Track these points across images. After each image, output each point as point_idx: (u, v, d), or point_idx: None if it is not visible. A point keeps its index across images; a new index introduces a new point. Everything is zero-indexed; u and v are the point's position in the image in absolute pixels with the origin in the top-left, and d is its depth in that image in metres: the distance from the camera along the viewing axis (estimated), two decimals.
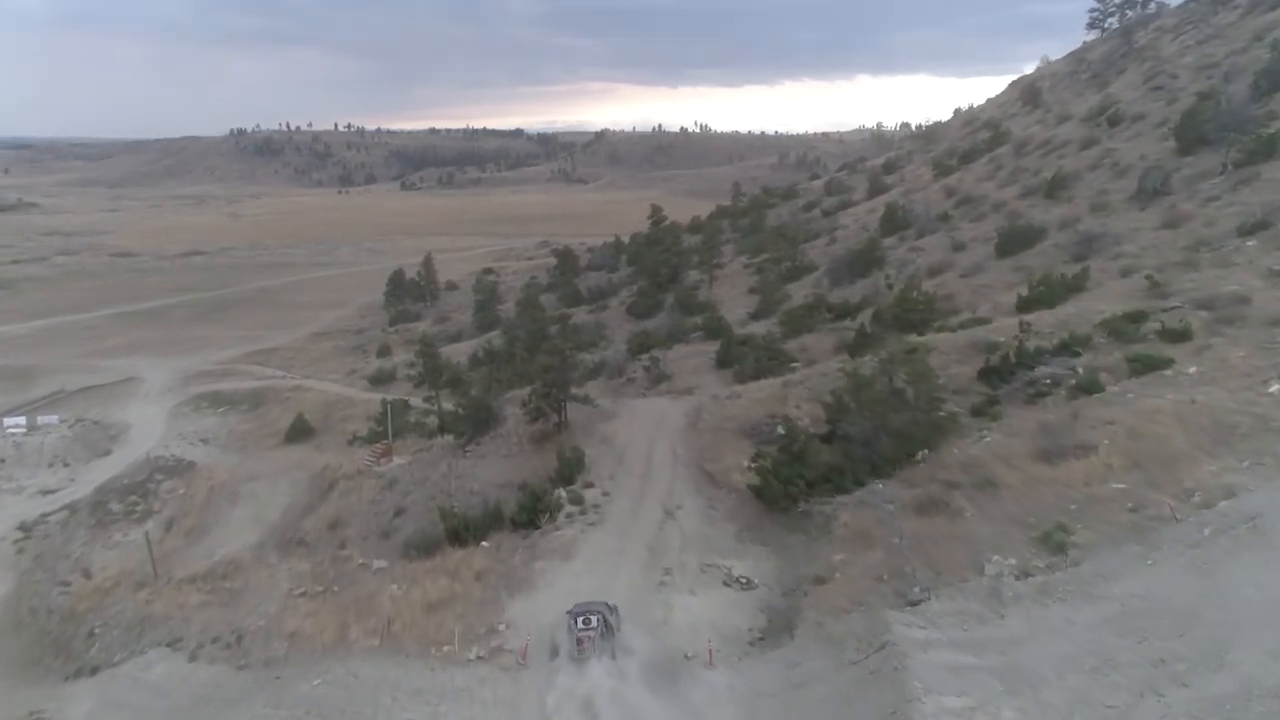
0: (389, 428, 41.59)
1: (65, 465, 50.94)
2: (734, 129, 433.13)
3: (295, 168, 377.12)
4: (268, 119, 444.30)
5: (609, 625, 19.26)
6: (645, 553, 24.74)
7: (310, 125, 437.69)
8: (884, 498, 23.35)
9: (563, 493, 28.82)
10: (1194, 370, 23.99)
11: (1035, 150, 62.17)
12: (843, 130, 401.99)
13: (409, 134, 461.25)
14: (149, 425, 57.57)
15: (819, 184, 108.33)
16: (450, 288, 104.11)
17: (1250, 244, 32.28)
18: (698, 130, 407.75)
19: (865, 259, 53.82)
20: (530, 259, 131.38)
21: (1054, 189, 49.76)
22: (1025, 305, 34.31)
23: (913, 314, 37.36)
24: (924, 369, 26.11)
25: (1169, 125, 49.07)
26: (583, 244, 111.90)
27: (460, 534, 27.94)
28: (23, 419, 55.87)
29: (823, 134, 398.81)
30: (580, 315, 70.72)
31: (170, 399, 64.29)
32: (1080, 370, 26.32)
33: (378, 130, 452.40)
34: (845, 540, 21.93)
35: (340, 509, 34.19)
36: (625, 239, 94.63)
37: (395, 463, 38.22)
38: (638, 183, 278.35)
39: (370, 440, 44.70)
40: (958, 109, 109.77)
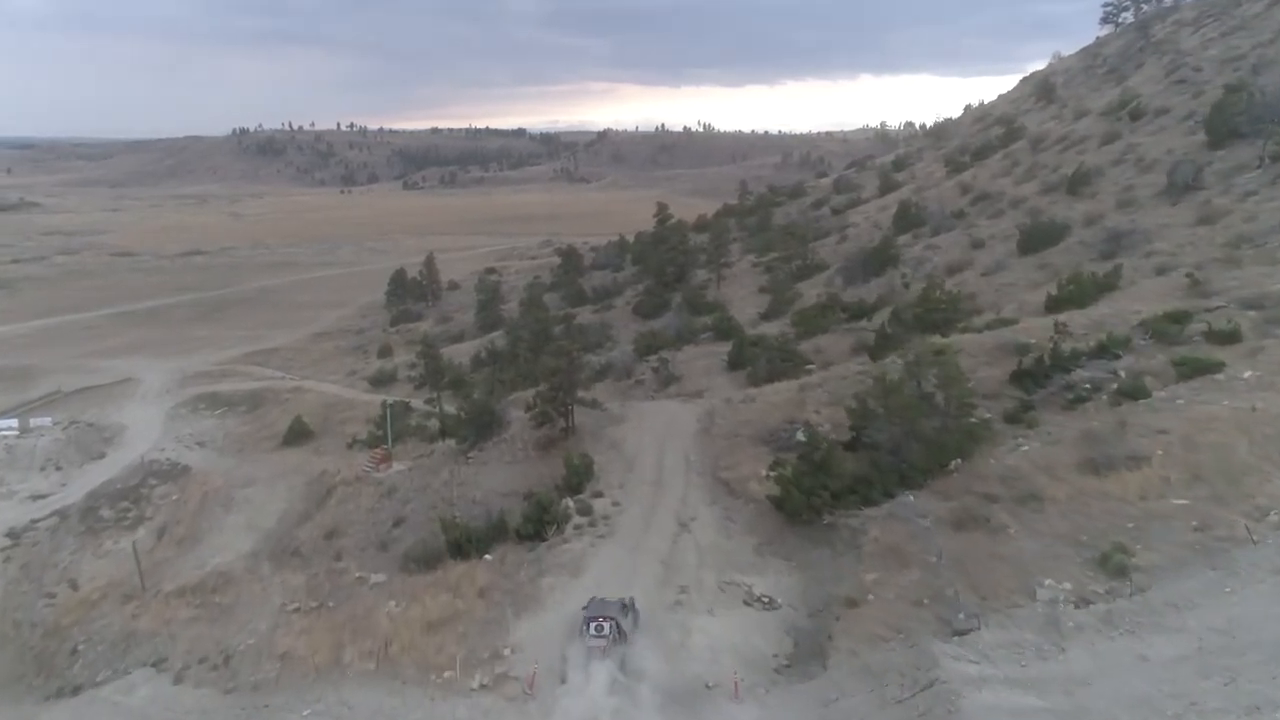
0: (389, 432, 40.14)
1: (58, 469, 49.64)
2: (737, 129, 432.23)
3: (298, 167, 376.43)
4: (270, 119, 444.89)
5: (621, 630, 19.08)
6: (659, 568, 23.23)
7: (313, 125, 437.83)
8: (916, 511, 21.79)
9: (570, 502, 27.32)
10: (1249, 375, 22.45)
11: (1053, 146, 60.57)
12: (846, 130, 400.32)
13: (411, 134, 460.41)
14: (145, 427, 56.30)
15: (827, 182, 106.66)
16: (452, 287, 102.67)
17: None
18: (701, 130, 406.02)
19: (880, 257, 52.24)
20: (533, 258, 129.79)
21: (1076, 185, 48.15)
22: (1055, 305, 32.74)
23: (935, 314, 35.74)
24: (955, 372, 24.55)
25: (1196, 118, 47.48)
26: (586, 243, 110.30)
27: (462, 546, 26.47)
28: (15, 421, 54.68)
29: (826, 133, 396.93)
30: (585, 315, 69.22)
31: (168, 400, 63.09)
32: (1122, 374, 24.77)
33: (380, 130, 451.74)
34: (876, 558, 20.36)
35: (337, 517, 32.72)
36: (629, 238, 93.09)
37: (395, 469, 36.75)
38: (640, 182, 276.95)
39: (370, 444, 43.27)
40: (968, 105, 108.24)
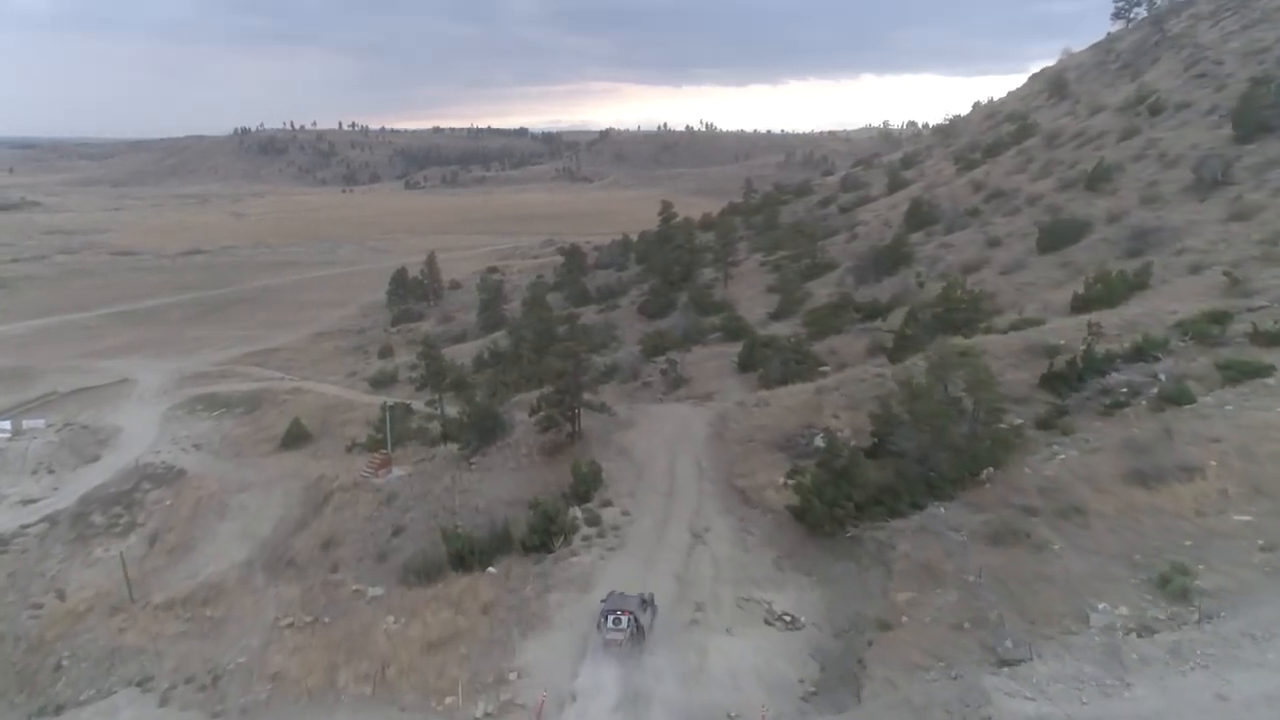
0: (388, 435, 38.83)
1: (50, 472, 48.44)
2: (739, 128, 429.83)
3: (299, 167, 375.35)
4: (272, 118, 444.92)
5: (640, 626, 18.96)
6: (673, 584, 21.91)
7: (314, 124, 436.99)
8: (948, 524, 20.46)
9: (578, 512, 26.01)
10: None
11: (1069, 142, 59.14)
12: (849, 129, 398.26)
13: (413, 133, 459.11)
14: (141, 429, 55.10)
15: (833, 180, 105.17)
16: (454, 287, 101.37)
17: None
18: (703, 129, 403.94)
19: (892, 256, 50.88)
20: (535, 257, 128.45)
21: (1096, 181, 46.75)
22: (1083, 304, 31.37)
23: (955, 314, 34.36)
24: (984, 375, 23.20)
25: (1221, 112, 46.07)
26: (588, 242, 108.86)
27: (464, 558, 25.20)
28: (8, 423, 53.53)
29: (829, 133, 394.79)
30: (589, 315, 67.91)
31: (164, 402, 61.92)
32: (1162, 378, 23.40)
33: (382, 129, 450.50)
34: (908, 575, 19.02)
35: (334, 526, 31.43)
36: (633, 237, 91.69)
37: (394, 474, 35.46)
38: (643, 181, 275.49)
39: (370, 447, 41.97)
40: (977, 102, 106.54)
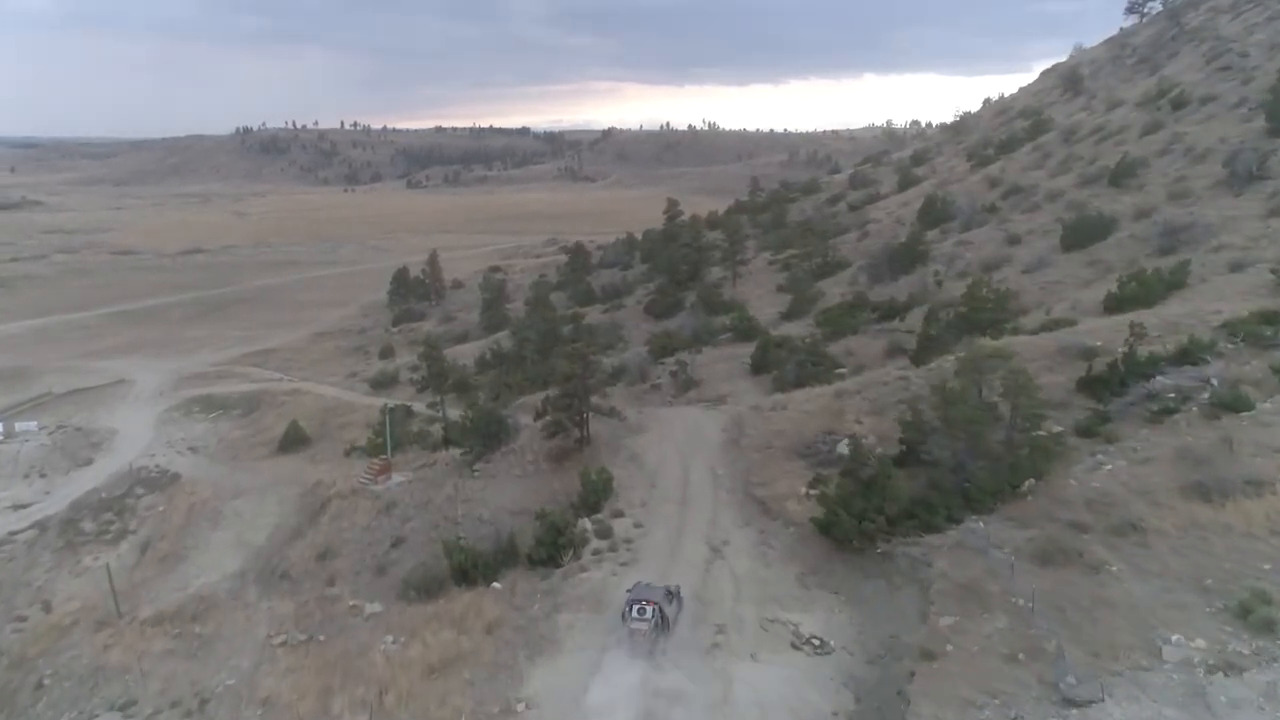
0: (388, 440, 37.41)
1: (42, 476, 47.12)
2: (741, 127, 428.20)
3: (301, 166, 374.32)
4: (274, 117, 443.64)
5: (665, 618, 18.78)
6: (692, 603, 20.40)
7: (316, 124, 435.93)
8: (989, 540, 18.98)
9: (588, 524, 24.55)
10: None
11: (1087, 137, 57.59)
12: (852, 128, 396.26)
13: (415, 132, 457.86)
14: (136, 432, 53.82)
15: (841, 178, 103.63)
16: (456, 286, 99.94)
17: None
18: (705, 128, 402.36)
19: (908, 254, 49.39)
20: (538, 256, 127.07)
21: (1120, 176, 45.23)
22: (1116, 304, 29.87)
23: (980, 314, 32.86)
24: (1023, 379, 21.70)
25: (1250, 105, 44.52)
26: (591, 241, 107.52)
27: (468, 572, 23.78)
28: (0, 425, 52.22)
29: (832, 132, 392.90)
30: (594, 315, 66.48)
31: (161, 403, 60.65)
32: (1214, 382, 21.90)
33: (384, 129, 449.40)
34: (949, 597, 17.54)
35: (331, 536, 30.02)
36: (637, 236, 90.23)
37: (394, 480, 34.03)
38: (645, 181, 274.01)
39: (369, 451, 40.56)
40: (987, 99, 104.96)
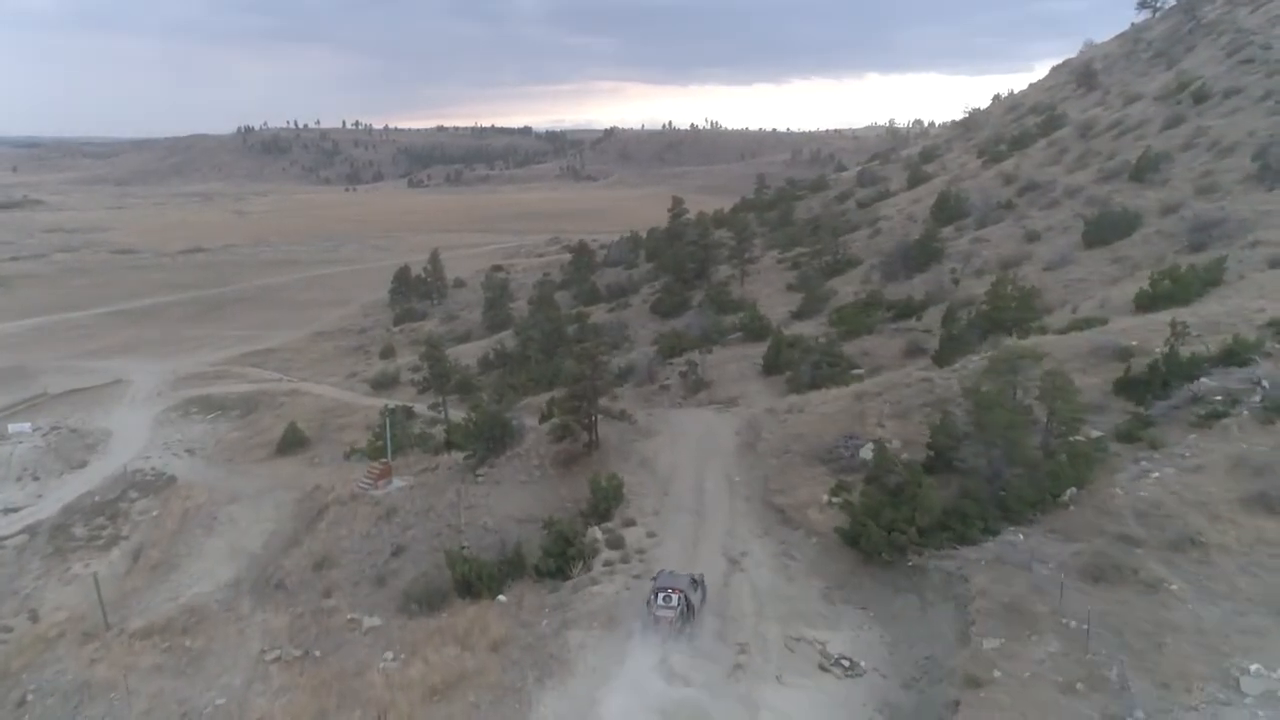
0: (388, 443, 36.18)
1: (35, 479, 45.97)
2: (744, 126, 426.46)
3: (303, 165, 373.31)
4: (275, 117, 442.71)
5: (690, 606, 18.36)
6: (711, 618, 19.17)
7: (318, 123, 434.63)
8: (1031, 554, 17.68)
9: (598, 533, 23.29)
10: None
11: (1105, 132, 56.24)
12: (855, 128, 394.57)
13: (417, 132, 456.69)
14: (131, 433, 52.72)
15: (849, 175, 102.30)
16: (458, 285, 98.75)
17: None
18: (708, 127, 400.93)
19: (923, 251, 48.08)
20: (541, 255, 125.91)
21: (1142, 171, 43.89)
22: (1149, 302, 28.55)
23: (1004, 312, 31.57)
24: (1061, 381, 20.43)
25: (1277, 98, 43.17)
26: (594, 240, 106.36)
27: (472, 584, 22.56)
28: None
29: (835, 131, 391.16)
30: (599, 314, 65.28)
31: (157, 404, 59.57)
32: (1265, 384, 20.59)
33: (385, 128, 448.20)
34: (991, 617, 16.25)
35: (328, 543, 28.76)
36: (641, 234, 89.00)
37: (395, 485, 32.78)
38: (648, 180, 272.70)
39: (369, 454, 39.35)
40: (997, 95, 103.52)
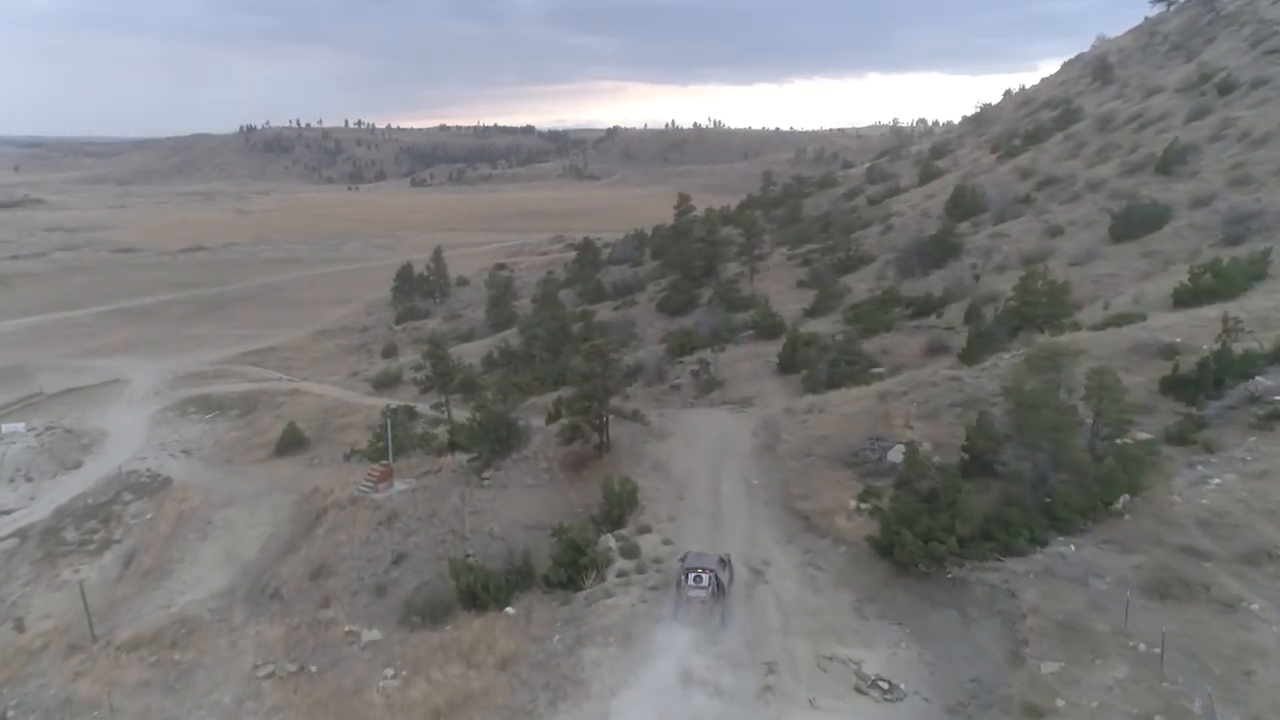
0: (390, 444, 34.89)
1: (28, 480, 44.82)
2: (747, 125, 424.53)
3: (305, 165, 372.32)
4: (278, 116, 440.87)
5: (721, 585, 18.08)
6: (735, 633, 17.81)
7: (320, 122, 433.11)
8: (1086, 567, 16.29)
9: (611, 541, 21.92)
10: None
11: (1125, 125, 54.80)
12: (858, 127, 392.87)
13: (419, 131, 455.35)
14: (128, 433, 51.57)
15: (858, 172, 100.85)
16: (461, 283, 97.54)
17: None
18: (711, 126, 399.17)
19: (940, 247, 46.70)
20: (544, 254, 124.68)
21: (1169, 163, 42.47)
22: (1191, 296, 27.13)
23: (1033, 308, 30.17)
24: (1110, 379, 19.04)
25: None
26: (598, 239, 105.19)
27: (477, 595, 21.21)
28: None
29: (839, 130, 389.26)
30: (604, 312, 64.01)
31: (155, 403, 58.47)
32: None
33: (388, 128, 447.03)
34: (1047, 637, 14.87)
35: (326, 550, 27.44)
36: (647, 232, 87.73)
37: (396, 487, 31.47)
38: (651, 179, 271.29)
39: (370, 455, 38.10)
40: (1008, 91, 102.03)
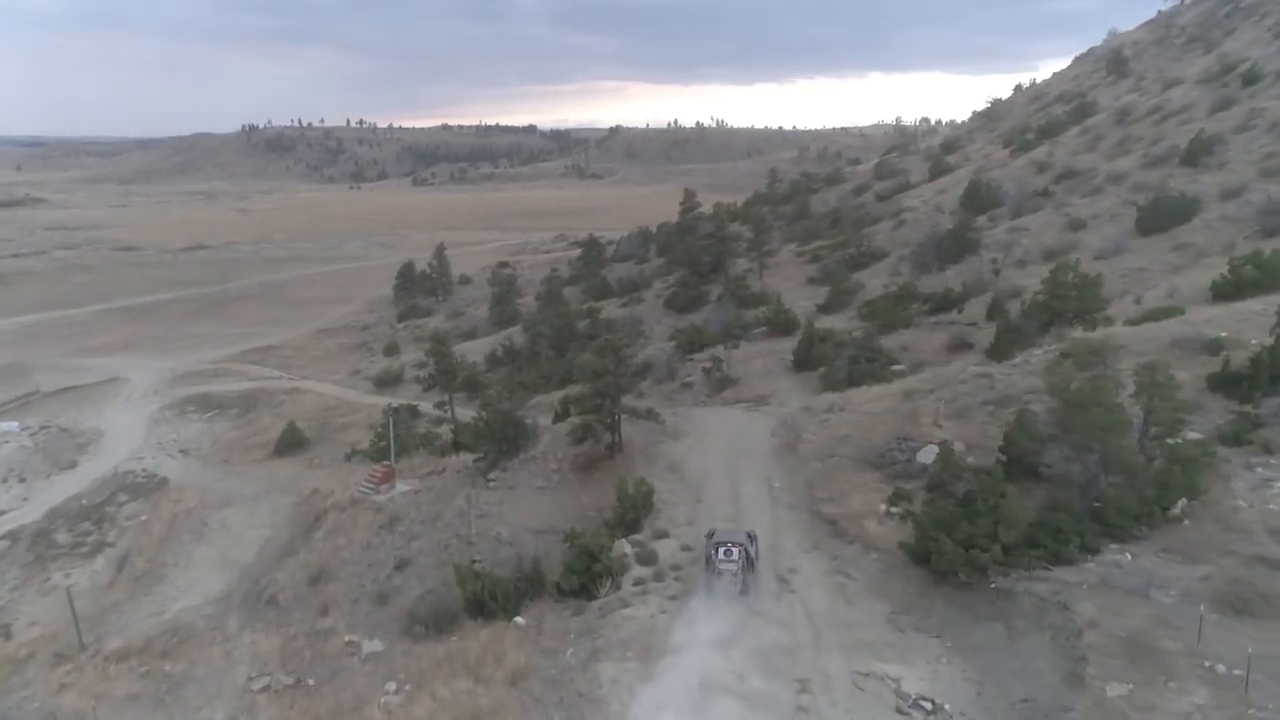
0: (391, 444, 33.69)
1: (21, 480, 43.71)
2: (750, 125, 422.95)
3: (307, 164, 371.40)
4: (279, 116, 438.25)
5: (750, 559, 18.09)
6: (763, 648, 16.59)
7: (322, 122, 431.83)
8: (1146, 578, 15.04)
9: (626, 546, 20.69)
10: None
11: (1145, 117, 53.54)
12: (862, 125, 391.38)
13: (421, 131, 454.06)
14: (125, 432, 50.53)
15: (866, 168, 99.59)
16: (464, 281, 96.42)
17: None
18: (714, 125, 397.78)
19: (956, 242, 45.47)
20: (548, 252, 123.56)
21: (1195, 155, 41.22)
22: (1233, 289, 25.89)
23: (1063, 302, 28.94)
24: (1162, 376, 17.80)
25: None
26: (602, 237, 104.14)
27: (484, 604, 20.00)
28: None
29: (842, 129, 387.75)
30: (610, 309, 62.84)
31: (153, 402, 57.43)
32: None
33: (390, 127, 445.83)
34: (1109, 655, 13.62)
35: (326, 554, 26.25)
36: (652, 229, 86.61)
37: (398, 489, 30.28)
38: (654, 178, 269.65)
39: (372, 455, 36.95)
40: (1019, 85, 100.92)
